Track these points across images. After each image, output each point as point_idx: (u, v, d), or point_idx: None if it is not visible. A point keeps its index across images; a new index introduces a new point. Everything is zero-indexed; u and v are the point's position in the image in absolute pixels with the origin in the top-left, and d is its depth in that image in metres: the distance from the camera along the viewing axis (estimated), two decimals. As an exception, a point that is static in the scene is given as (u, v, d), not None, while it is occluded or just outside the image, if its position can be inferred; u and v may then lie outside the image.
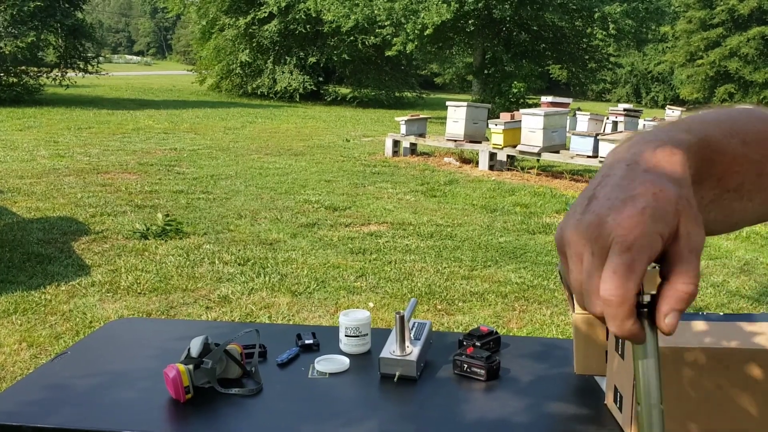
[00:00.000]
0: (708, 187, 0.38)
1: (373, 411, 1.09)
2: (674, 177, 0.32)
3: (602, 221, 0.31)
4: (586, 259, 0.31)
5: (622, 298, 0.30)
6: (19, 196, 5.03)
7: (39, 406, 1.07)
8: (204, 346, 1.12)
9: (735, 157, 0.38)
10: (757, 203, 0.40)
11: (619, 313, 0.30)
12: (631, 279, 0.30)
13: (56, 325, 2.70)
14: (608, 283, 0.30)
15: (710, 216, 0.39)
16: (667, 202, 0.30)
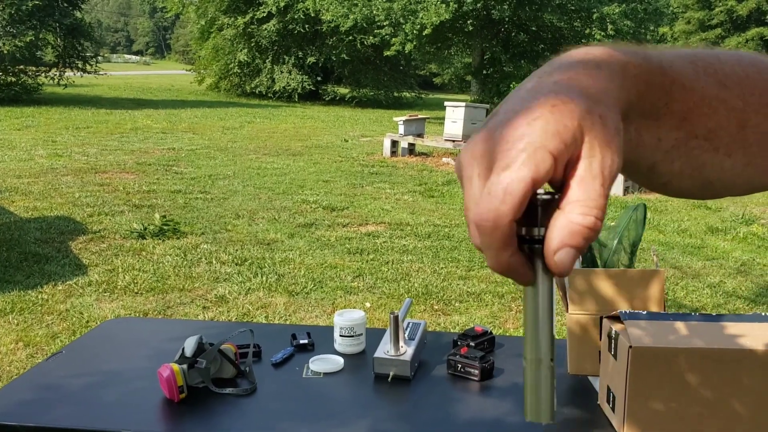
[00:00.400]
0: (668, 125, 0.32)
1: (366, 411, 1.09)
2: (588, 91, 0.26)
3: (489, 136, 0.26)
4: (473, 183, 0.26)
5: (494, 222, 0.25)
6: (16, 196, 5.02)
7: (34, 406, 1.07)
8: (198, 345, 1.12)
9: (705, 97, 0.33)
10: (739, 162, 0.34)
11: (492, 241, 0.25)
12: (507, 201, 0.24)
13: (53, 324, 2.70)
14: (481, 205, 0.25)
15: (675, 166, 0.33)
16: (567, 115, 0.25)
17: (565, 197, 0.26)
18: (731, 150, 0.34)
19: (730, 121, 0.33)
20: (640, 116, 0.31)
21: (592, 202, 0.25)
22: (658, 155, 0.33)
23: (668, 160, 0.33)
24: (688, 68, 0.33)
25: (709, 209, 5.57)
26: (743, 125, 0.34)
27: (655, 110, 0.31)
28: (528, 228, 0.26)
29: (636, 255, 1.19)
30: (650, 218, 5.09)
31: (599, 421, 1.01)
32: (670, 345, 0.92)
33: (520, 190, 0.25)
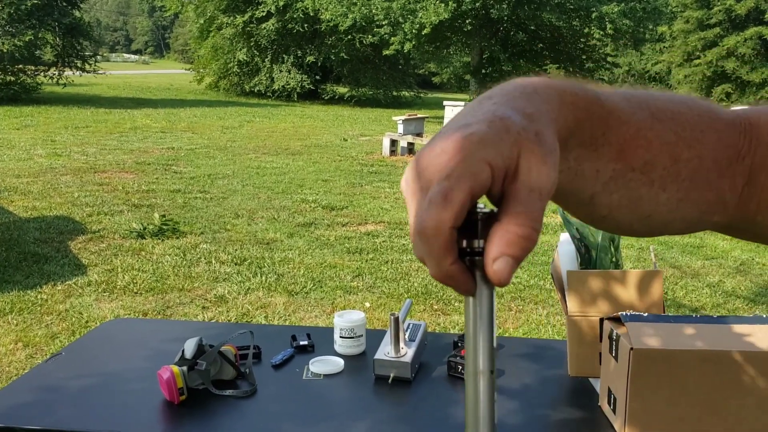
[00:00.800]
0: (606, 157, 0.33)
1: (367, 413, 1.09)
2: (525, 111, 0.28)
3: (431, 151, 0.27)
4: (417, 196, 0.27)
5: (435, 229, 0.26)
6: (15, 195, 5.01)
7: (33, 407, 1.07)
8: (198, 347, 1.12)
9: (640, 130, 0.34)
10: (673, 196, 0.35)
11: (434, 248, 0.26)
12: (448, 208, 0.25)
13: (52, 324, 2.69)
14: (423, 213, 0.26)
15: (613, 198, 0.34)
16: (504, 130, 0.26)
17: (503, 210, 0.27)
18: (665, 184, 0.35)
19: (663, 154, 0.35)
20: (579, 145, 0.32)
21: (529, 214, 0.26)
22: (597, 186, 0.34)
23: (607, 192, 0.34)
24: (623, 102, 0.34)
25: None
26: (676, 159, 0.35)
27: (593, 140, 0.33)
28: (468, 240, 0.27)
29: (619, 250, 1.19)
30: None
31: (600, 422, 1.01)
32: (671, 347, 0.92)
33: (460, 198, 0.26)
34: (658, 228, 0.37)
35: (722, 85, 22.59)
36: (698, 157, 0.36)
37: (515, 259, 0.26)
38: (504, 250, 0.26)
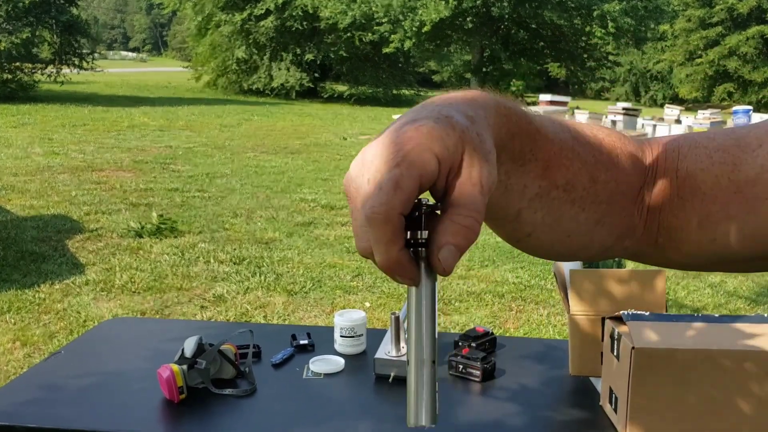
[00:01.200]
0: (533, 173, 0.35)
1: (367, 412, 1.08)
2: (466, 113, 0.29)
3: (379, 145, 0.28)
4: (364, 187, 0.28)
5: (385, 215, 0.26)
6: (13, 194, 4.99)
7: (32, 406, 1.06)
8: (198, 346, 1.11)
9: (563, 149, 0.36)
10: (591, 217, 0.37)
11: (383, 234, 0.26)
12: (398, 194, 0.26)
13: (50, 324, 2.69)
14: (373, 199, 0.26)
15: (537, 216, 0.36)
16: (450, 126, 0.28)
17: (447, 203, 0.28)
18: (585, 204, 0.37)
19: (583, 174, 0.37)
20: (509, 159, 0.34)
21: (472, 206, 0.27)
22: (523, 202, 0.35)
23: (532, 209, 0.36)
24: (548, 123, 0.36)
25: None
26: (594, 180, 0.37)
27: (521, 156, 0.34)
28: (413, 231, 0.28)
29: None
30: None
31: (601, 422, 1.01)
32: (673, 346, 0.91)
33: (410, 186, 0.26)
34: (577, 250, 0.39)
35: (724, 84, 22.62)
36: (614, 181, 0.38)
37: (459, 248, 0.27)
38: (449, 239, 0.27)
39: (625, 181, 0.39)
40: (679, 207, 0.38)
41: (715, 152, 0.38)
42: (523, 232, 0.37)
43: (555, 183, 0.36)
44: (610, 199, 0.38)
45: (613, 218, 0.38)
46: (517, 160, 0.34)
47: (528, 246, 0.38)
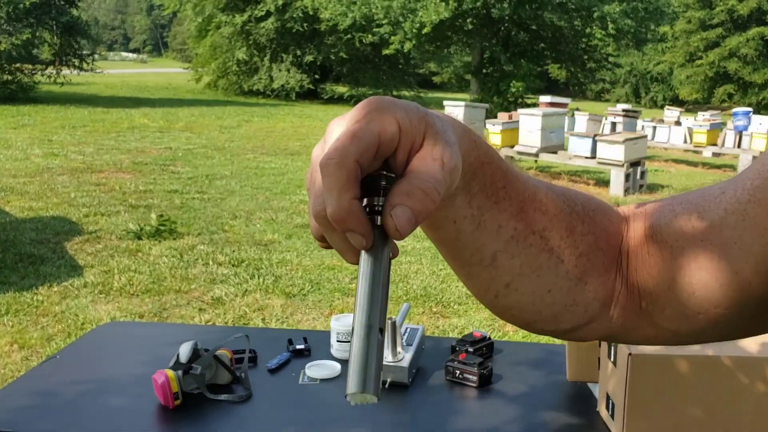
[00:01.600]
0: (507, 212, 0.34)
1: (364, 418, 1.08)
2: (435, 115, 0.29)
3: (343, 116, 0.28)
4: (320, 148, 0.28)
5: (339, 159, 0.25)
6: (12, 196, 4.99)
7: (28, 412, 1.06)
8: (193, 351, 1.11)
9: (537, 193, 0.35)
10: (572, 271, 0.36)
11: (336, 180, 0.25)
12: (353, 143, 0.25)
13: (48, 326, 2.68)
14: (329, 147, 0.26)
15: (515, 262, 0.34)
16: (415, 108, 0.28)
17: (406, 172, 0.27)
18: (564, 255, 0.36)
19: (560, 222, 0.36)
20: (481, 191, 0.33)
21: (431, 174, 0.26)
22: (499, 244, 0.34)
23: (509, 253, 0.34)
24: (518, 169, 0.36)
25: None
26: (571, 230, 0.36)
27: (494, 190, 0.33)
28: (370, 198, 0.27)
29: None
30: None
31: (598, 428, 1.00)
32: (670, 352, 0.91)
33: (367, 137, 0.26)
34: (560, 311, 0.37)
35: (724, 86, 22.63)
36: (592, 234, 0.37)
37: (414, 211, 0.26)
38: (403, 200, 0.26)
39: (603, 236, 0.37)
40: (651, 264, 0.37)
41: (678, 205, 0.38)
42: (501, 281, 0.35)
43: (531, 228, 0.35)
44: (590, 254, 0.37)
45: (595, 277, 0.37)
46: (490, 194, 0.33)
47: (507, 303, 0.36)
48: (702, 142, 8.36)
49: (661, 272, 0.37)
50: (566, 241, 0.36)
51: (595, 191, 6.26)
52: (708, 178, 7.44)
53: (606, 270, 0.38)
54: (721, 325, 0.37)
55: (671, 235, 0.37)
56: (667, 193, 6.27)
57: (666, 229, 0.37)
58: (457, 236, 0.33)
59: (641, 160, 6.30)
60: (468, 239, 0.34)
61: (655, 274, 0.37)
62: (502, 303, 0.37)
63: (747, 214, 0.35)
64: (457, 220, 0.33)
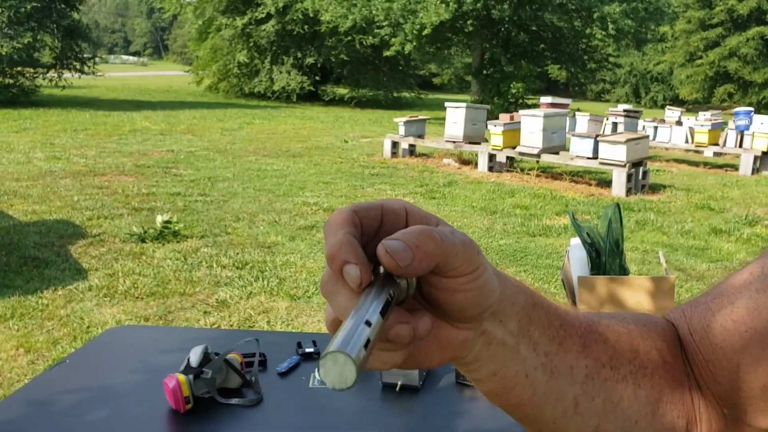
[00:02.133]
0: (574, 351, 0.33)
1: (374, 422, 1.07)
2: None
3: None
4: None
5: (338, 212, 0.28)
6: (15, 199, 5.00)
7: (37, 417, 1.05)
8: (204, 355, 1.11)
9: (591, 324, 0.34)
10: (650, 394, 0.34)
11: (333, 224, 0.27)
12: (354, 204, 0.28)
13: (53, 330, 2.68)
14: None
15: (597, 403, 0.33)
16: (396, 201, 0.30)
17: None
18: (637, 379, 0.35)
19: (622, 345, 0.35)
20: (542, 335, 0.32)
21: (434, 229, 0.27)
22: (577, 387, 0.33)
23: (588, 395, 0.33)
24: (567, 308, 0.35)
25: (712, 210, 5.56)
26: (635, 350, 0.35)
27: (554, 331, 0.33)
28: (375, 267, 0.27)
29: (624, 254, 1.18)
30: (654, 220, 5.08)
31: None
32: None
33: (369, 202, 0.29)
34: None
35: (724, 86, 22.61)
36: (655, 349, 0.36)
37: (407, 243, 0.26)
38: (399, 236, 0.26)
39: (665, 348, 0.36)
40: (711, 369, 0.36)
41: (712, 301, 0.36)
42: (589, 427, 0.34)
43: (600, 360, 0.34)
44: (660, 371, 0.36)
45: (673, 394, 0.36)
46: (552, 337, 0.32)
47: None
48: (703, 141, 8.35)
49: (723, 374, 0.35)
50: (635, 364, 0.35)
51: (596, 192, 6.26)
52: (710, 178, 7.44)
53: (680, 383, 0.36)
54: None
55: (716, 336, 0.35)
56: (669, 193, 6.26)
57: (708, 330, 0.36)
58: (534, 391, 0.32)
59: (643, 161, 6.30)
60: (546, 390, 0.33)
61: (719, 378, 0.36)
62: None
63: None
64: (528, 373, 0.32)
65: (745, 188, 6.71)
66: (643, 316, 0.38)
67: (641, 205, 5.60)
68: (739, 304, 0.35)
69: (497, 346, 0.31)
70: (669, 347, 0.37)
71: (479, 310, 0.29)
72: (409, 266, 0.26)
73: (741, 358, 0.34)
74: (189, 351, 1.12)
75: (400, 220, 0.29)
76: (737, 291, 0.35)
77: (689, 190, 6.50)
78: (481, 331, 0.30)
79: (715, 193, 6.38)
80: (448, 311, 0.29)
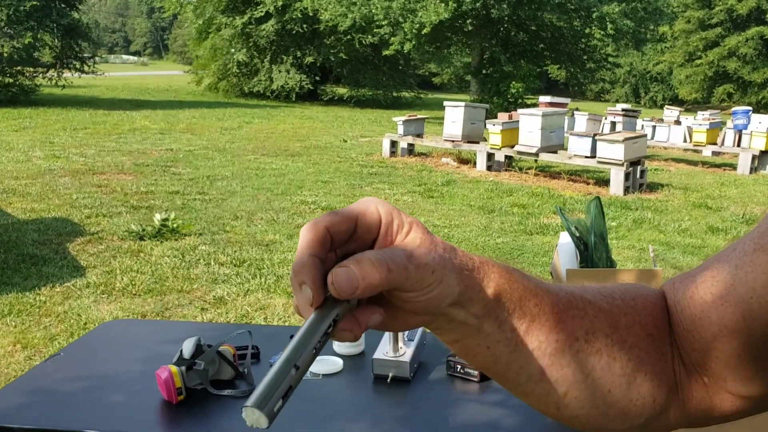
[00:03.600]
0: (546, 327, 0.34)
1: (366, 412, 1.08)
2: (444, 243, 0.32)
3: None
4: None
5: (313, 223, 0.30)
6: (14, 197, 5.01)
7: (32, 408, 1.06)
8: (196, 347, 1.11)
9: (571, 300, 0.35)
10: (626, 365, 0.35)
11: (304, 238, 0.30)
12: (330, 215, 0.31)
13: (51, 326, 2.69)
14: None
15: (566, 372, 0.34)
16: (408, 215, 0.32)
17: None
18: (613, 352, 0.35)
19: (601, 321, 0.35)
20: (511, 315, 0.34)
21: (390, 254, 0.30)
22: (544, 359, 0.34)
23: (557, 366, 0.34)
24: (549, 284, 0.36)
25: (709, 209, 5.57)
26: (615, 325, 0.36)
27: (526, 310, 0.34)
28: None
29: (609, 246, 1.19)
30: (651, 218, 5.09)
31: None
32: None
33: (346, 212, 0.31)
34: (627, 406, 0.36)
35: (724, 86, 22.62)
36: (638, 324, 0.36)
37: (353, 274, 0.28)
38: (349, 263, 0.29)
39: (650, 322, 0.37)
40: (691, 339, 0.37)
41: (698, 273, 0.37)
42: (557, 393, 0.35)
43: (574, 335, 0.35)
44: (640, 344, 0.36)
45: (652, 365, 0.36)
46: (523, 315, 0.34)
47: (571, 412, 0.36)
48: (702, 141, 8.36)
49: (701, 344, 0.36)
50: (612, 338, 0.35)
51: (594, 191, 6.26)
52: (708, 177, 7.44)
53: (662, 354, 0.37)
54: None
55: (696, 307, 0.36)
56: (667, 192, 6.27)
57: (690, 301, 0.37)
58: (496, 360, 0.34)
59: (641, 160, 6.31)
60: (507, 360, 0.34)
61: (697, 347, 0.36)
62: (566, 413, 0.36)
63: (754, 264, 0.34)
64: (490, 345, 0.33)
65: (742, 187, 6.72)
66: (633, 288, 0.39)
67: (639, 203, 5.61)
68: (719, 278, 0.35)
69: (458, 324, 0.33)
70: (655, 320, 0.37)
71: (431, 311, 0.32)
72: (352, 295, 0.29)
73: (717, 330, 0.35)
74: (182, 344, 1.12)
75: (371, 232, 0.31)
76: (720, 265, 0.36)
77: (687, 188, 6.51)
78: (440, 314, 0.32)
79: (712, 192, 6.39)
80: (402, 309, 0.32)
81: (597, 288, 0.38)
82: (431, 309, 0.31)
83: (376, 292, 0.29)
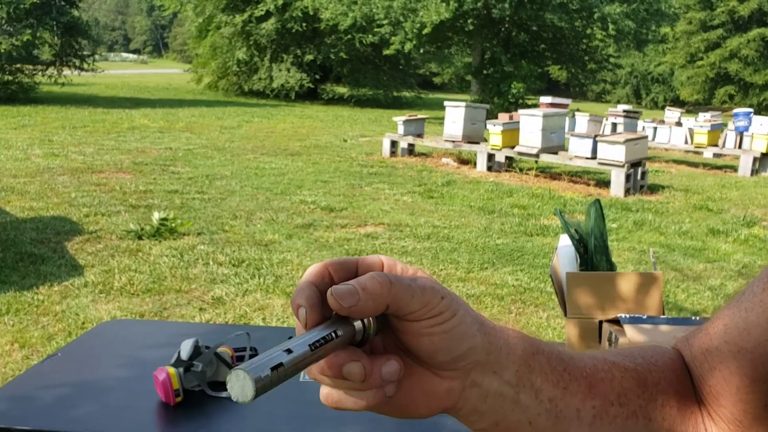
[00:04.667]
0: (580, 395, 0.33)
1: (363, 415, 1.07)
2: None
3: None
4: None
5: (315, 265, 0.32)
6: (12, 195, 4.99)
7: (28, 409, 1.06)
8: (194, 348, 1.11)
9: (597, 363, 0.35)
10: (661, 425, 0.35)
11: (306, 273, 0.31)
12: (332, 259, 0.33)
13: (48, 325, 2.68)
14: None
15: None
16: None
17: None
18: (647, 412, 0.35)
19: (629, 381, 0.35)
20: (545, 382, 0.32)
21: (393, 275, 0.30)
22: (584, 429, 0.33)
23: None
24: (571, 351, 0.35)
25: (710, 211, 5.57)
26: (643, 384, 0.35)
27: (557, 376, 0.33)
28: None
29: (609, 249, 1.18)
30: (652, 220, 5.08)
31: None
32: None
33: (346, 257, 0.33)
34: None
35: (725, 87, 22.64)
36: (664, 380, 0.36)
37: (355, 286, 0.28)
38: (352, 281, 0.29)
39: (674, 378, 0.37)
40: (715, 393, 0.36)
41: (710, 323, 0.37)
42: None
43: (607, 399, 0.34)
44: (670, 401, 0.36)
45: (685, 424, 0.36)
46: (556, 382, 0.33)
47: None
48: (703, 142, 8.36)
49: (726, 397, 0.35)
50: (644, 398, 0.35)
51: (595, 192, 6.26)
52: (709, 178, 7.44)
53: (691, 412, 0.36)
54: None
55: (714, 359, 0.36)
56: (667, 194, 6.27)
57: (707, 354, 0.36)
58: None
59: (642, 161, 6.30)
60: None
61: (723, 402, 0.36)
62: None
63: (765, 303, 0.33)
64: (532, 420, 0.32)
65: (743, 189, 6.72)
66: (651, 348, 0.38)
67: (639, 205, 5.60)
68: (731, 325, 0.35)
69: (494, 397, 0.31)
70: (678, 377, 0.37)
71: (451, 356, 0.30)
72: (354, 307, 0.28)
73: (738, 380, 0.34)
74: (180, 344, 1.12)
75: (374, 269, 0.32)
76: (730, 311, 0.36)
77: (688, 190, 6.50)
78: (471, 382, 0.31)
79: (713, 193, 6.39)
80: (419, 356, 0.30)
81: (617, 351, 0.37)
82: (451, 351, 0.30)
83: (379, 307, 0.28)
